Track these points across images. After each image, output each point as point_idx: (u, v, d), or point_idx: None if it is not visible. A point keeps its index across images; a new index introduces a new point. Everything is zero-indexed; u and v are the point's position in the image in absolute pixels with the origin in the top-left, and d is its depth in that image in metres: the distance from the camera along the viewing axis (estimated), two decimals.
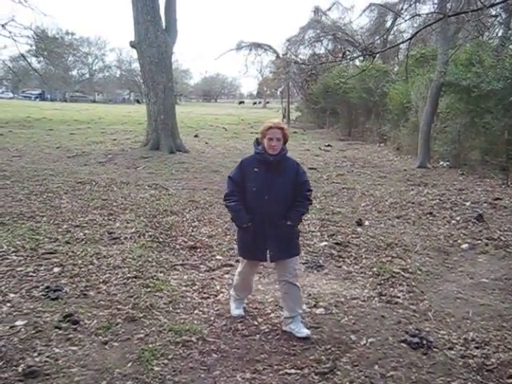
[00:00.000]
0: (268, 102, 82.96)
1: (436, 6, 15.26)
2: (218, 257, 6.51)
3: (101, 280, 5.43)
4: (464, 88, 14.59)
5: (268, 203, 4.29)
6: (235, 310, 4.78)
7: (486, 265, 6.55)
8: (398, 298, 5.30)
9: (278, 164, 4.36)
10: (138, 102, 77.66)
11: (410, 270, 6.14)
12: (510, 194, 11.09)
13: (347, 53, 30.27)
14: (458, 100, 15.85)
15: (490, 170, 13.71)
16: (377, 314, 4.87)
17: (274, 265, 4.74)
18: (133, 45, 17.74)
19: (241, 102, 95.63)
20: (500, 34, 17.10)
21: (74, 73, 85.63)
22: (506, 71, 13.18)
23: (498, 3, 6.81)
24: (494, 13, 15.51)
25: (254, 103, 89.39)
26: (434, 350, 4.14)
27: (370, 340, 4.30)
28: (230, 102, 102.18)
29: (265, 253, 4.37)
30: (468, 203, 9.92)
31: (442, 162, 15.90)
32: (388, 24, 31.62)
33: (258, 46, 39.23)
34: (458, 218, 8.78)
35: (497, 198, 10.41)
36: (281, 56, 37.56)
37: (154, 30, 17.12)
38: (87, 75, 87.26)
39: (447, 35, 15.46)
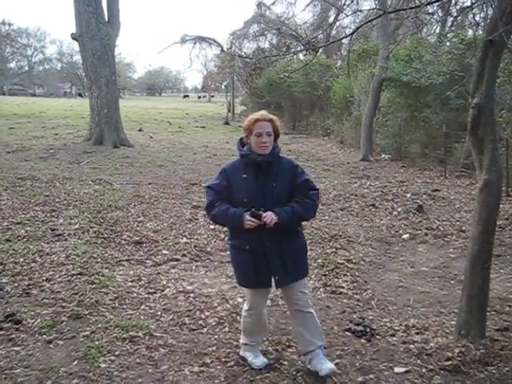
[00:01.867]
0: (213, 96, 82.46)
1: (377, 2, 15.57)
2: (163, 251, 6.48)
3: (44, 278, 5.32)
4: (404, 83, 14.98)
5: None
6: (256, 360, 3.76)
7: (426, 254, 6.78)
8: (343, 288, 5.42)
9: (270, 166, 3.55)
10: (80, 95, 75.68)
11: (353, 261, 6.29)
12: (447, 185, 11.50)
13: (291, 47, 30.57)
14: (399, 94, 16.28)
15: (429, 162, 14.18)
16: (322, 304, 4.97)
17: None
18: (74, 37, 17.29)
19: (185, 96, 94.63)
20: (437, 32, 17.66)
21: (13, 65, 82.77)
22: (444, 67, 13.63)
23: (435, 1, 7.04)
24: (431, 11, 15.98)
25: (199, 97, 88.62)
26: (377, 337, 4.27)
27: None
28: (175, 96, 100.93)
29: (270, 277, 3.59)
30: (409, 195, 10.22)
31: (383, 155, 16.29)
32: (331, 19, 31.99)
33: (202, 39, 38.89)
34: (400, 209, 9.04)
35: (435, 190, 10.77)
36: (225, 50, 37.38)
37: (97, 21, 16.73)
38: (26, 68, 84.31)
39: (388, 31, 15.81)
